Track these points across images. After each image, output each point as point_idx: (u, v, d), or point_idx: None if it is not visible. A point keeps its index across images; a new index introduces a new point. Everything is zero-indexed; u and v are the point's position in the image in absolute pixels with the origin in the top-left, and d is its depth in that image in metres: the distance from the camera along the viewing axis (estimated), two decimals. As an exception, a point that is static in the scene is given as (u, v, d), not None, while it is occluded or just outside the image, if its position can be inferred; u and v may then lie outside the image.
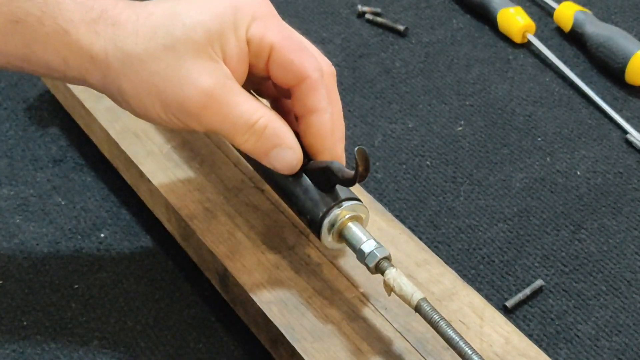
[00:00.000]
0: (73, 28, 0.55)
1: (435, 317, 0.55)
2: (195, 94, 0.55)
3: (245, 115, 0.56)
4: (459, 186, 0.77)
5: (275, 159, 0.58)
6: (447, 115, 0.84)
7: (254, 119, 0.56)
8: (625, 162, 0.79)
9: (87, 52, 0.56)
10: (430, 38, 0.93)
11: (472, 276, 0.70)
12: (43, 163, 0.80)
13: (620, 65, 0.85)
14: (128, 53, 0.55)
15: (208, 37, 0.55)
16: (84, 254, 0.72)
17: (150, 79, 0.55)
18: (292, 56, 0.57)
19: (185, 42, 0.55)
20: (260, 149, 0.57)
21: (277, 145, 0.57)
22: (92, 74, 0.57)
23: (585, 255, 0.71)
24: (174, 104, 0.56)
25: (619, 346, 0.65)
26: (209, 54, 0.55)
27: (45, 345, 0.65)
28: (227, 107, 0.56)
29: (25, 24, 0.55)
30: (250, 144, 0.57)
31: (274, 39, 0.57)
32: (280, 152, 0.57)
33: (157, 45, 0.55)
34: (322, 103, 0.58)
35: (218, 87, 0.55)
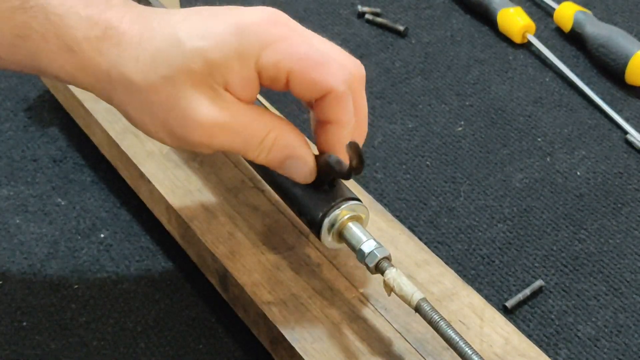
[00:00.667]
0: (77, 46, 0.53)
1: (435, 317, 0.55)
2: (198, 127, 0.53)
3: (255, 134, 0.54)
4: (459, 186, 0.77)
5: (290, 170, 0.57)
6: (447, 116, 0.84)
7: (263, 135, 0.55)
8: (625, 162, 0.79)
9: (92, 72, 0.54)
10: (430, 38, 0.93)
11: (472, 276, 0.70)
12: (43, 163, 0.80)
13: (620, 66, 0.85)
14: (130, 80, 0.53)
15: (208, 68, 0.52)
16: (83, 254, 0.72)
17: (152, 109, 0.54)
18: (314, 75, 0.54)
19: (184, 72, 0.52)
20: (273, 162, 0.56)
21: (289, 156, 0.56)
22: (99, 91, 0.56)
23: (585, 255, 0.71)
24: (179, 134, 0.54)
25: (619, 346, 0.65)
26: (209, 84, 0.53)
27: (45, 346, 0.65)
28: (234, 131, 0.54)
29: (30, 39, 0.53)
30: (262, 158, 0.56)
31: (290, 64, 0.53)
32: (292, 163, 0.56)
33: (157, 76, 0.53)
34: (346, 116, 0.56)
35: (222, 116, 0.53)
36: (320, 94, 0.54)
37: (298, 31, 0.56)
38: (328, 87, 0.54)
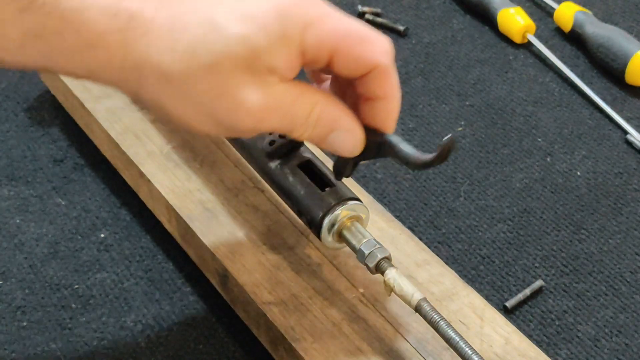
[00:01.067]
0: (100, 41, 0.49)
1: (436, 317, 0.55)
2: (248, 114, 0.51)
3: (301, 111, 0.53)
4: (459, 186, 0.77)
5: (334, 144, 0.54)
6: (448, 116, 0.84)
7: (309, 111, 0.53)
8: (625, 162, 0.79)
9: (117, 66, 0.50)
10: (431, 38, 0.93)
11: (472, 276, 0.70)
12: (43, 163, 0.80)
13: (620, 66, 0.85)
14: (166, 71, 0.50)
15: (252, 52, 0.50)
16: (84, 254, 0.72)
17: (196, 99, 0.51)
18: (359, 51, 0.53)
19: (228, 59, 0.50)
20: (318, 137, 0.54)
21: (335, 129, 0.54)
22: (124, 86, 0.52)
23: (585, 255, 0.71)
24: (227, 123, 0.52)
25: (619, 346, 0.65)
26: (255, 69, 0.51)
27: (45, 346, 0.65)
28: (282, 113, 0.52)
29: (43, 39, 0.50)
30: (307, 134, 0.54)
31: (333, 42, 0.52)
32: (338, 135, 0.54)
33: (199, 65, 0.50)
34: (393, 90, 0.55)
35: (270, 100, 0.51)
36: (366, 69, 0.53)
37: (332, 9, 0.55)
38: (375, 62, 0.53)
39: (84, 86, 0.77)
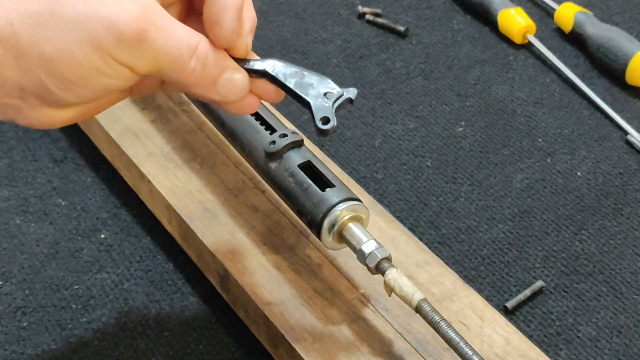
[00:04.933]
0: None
1: (436, 317, 0.55)
2: (128, 20, 0.49)
3: (186, 40, 0.51)
4: (460, 187, 0.77)
5: (224, 86, 0.53)
6: (448, 116, 0.84)
7: (195, 43, 0.51)
8: (625, 163, 0.79)
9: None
10: (431, 39, 0.93)
11: (472, 277, 0.70)
12: (43, 164, 0.80)
13: (620, 66, 0.85)
14: (36, 11, 0.49)
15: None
16: (84, 255, 0.72)
17: (74, 24, 0.49)
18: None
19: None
20: (208, 78, 0.52)
21: (224, 69, 0.53)
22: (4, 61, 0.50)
23: (585, 256, 0.71)
24: (108, 39, 0.49)
25: (620, 347, 0.65)
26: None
27: (45, 346, 0.65)
28: (165, 31, 0.51)
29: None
30: (198, 73, 0.52)
31: None
32: (228, 75, 0.53)
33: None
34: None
35: (149, 11, 0.50)
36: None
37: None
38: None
39: (84, 86, 0.77)
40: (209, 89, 0.53)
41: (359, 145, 0.81)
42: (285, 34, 0.93)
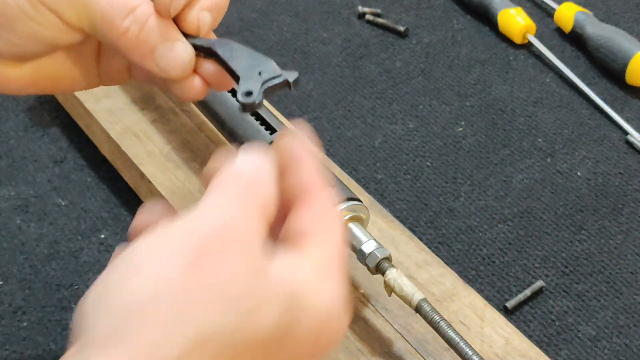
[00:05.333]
0: None
1: (436, 317, 0.55)
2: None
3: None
4: (460, 187, 0.77)
5: (164, 56, 0.49)
6: (448, 116, 0.84)
7: (134, 4, 0.49)
8: (625, 163, 0.79)
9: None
10: (431, 39, 0.93)
11: (472, 277, 0.70)
12: (43, 164, 0.80)
13: (620, 66, 0.85)
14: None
15: None
16: (84, 255, 0.72)
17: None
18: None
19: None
20: (146, 44, 0.49)
21: (165, 39, 0.49)
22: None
23: (585, 256, 0.71)
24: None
25: (620, 347, 0.65)
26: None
27: (45, 346, 0.65)
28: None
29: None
30: (132, 34, 0.49)
31: None
32: (169, 46, 0.49)
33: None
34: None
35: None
36: None
37: None
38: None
39: (84, 86, 0.77)
40: (145, 56, 0.50)
41: (359, 145, 0.81)
42: (285, 33, 0.93)
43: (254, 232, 0.40)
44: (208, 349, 0.37)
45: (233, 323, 0.38)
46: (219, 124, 0.68)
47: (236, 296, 0.38)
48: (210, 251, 0.38)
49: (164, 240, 0.39)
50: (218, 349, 0.37)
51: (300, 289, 0.40)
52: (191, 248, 0.38)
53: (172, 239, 0.39)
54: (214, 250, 0.38)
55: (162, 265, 0.38)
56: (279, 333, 0.39)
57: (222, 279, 0.38)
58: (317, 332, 0.41)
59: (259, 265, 0.39)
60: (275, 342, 0.39)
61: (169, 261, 0.38)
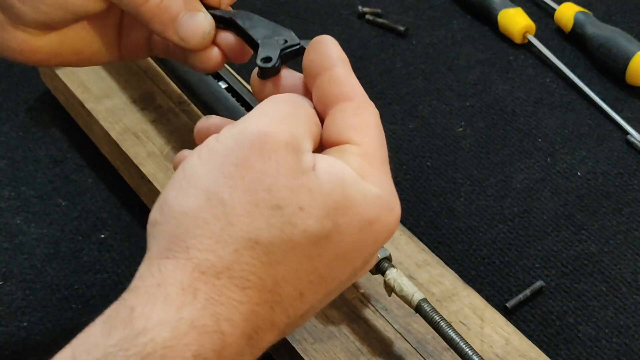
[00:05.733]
0: None
1: (436, 317, 0.55)
2: None
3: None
4: (460, 187, 0.77)
5: (184, 25, 0.50)
6: (448, 116, 0.84)
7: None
8: (625, 163, 0.79)
9: None
10: (431, 39, 0.93)
11: (472, 277, 0.70)
12: (44, 164, 0.80)
13: (620, 66, 0.85)
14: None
15: None
16: (84, 255, 0.72)
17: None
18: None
19: None
20: (168, 13, 0.50)
21: (187, 7, 0.50)
22: None
23: (585, 256, 0.71)
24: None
25: (620, 347, 0.65)
26: None
27: (46, 346, 0.65)
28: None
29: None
30: (154, 2, 0.49)
31: None
32: (190, 15, 0.50)
33: None
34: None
35: None
36: None
37: None
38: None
39: (84, 87, 0.77)
40: (167, 25, 0.50)
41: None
42: (286, 34, 0.93)
43: (298, 135, 0.42)
44: (257, 252, 0.40)
45: (279, 224, 0.40)
46: (219, 124, 0.68)
47: (281, 197, 0.41)
48: (255, 156, 0.41)
49: (211, 153, 0.42)
50: (266, 250, 0.40)
51: (346, 185, 0.42)
52: (236, 155, 0.41)
53: (219, 149, 0.42)
54: (259, 155, 0.41)
55: (209, 179, 0.41)
56: (326, 230, 0.41)
57: (267, 182, 0.41)
58: (366, 226, 0.42)
59: (305, 164, 0.41)
60: (323, 239, 0.41)
61: (214, 174, 0.41)
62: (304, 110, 0.44)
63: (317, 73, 0.46)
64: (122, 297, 0.41)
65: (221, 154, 0.41)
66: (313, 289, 0.43)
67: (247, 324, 0.40)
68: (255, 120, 0.42)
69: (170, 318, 0.39)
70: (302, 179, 0.41)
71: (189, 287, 0.40)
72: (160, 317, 0.39)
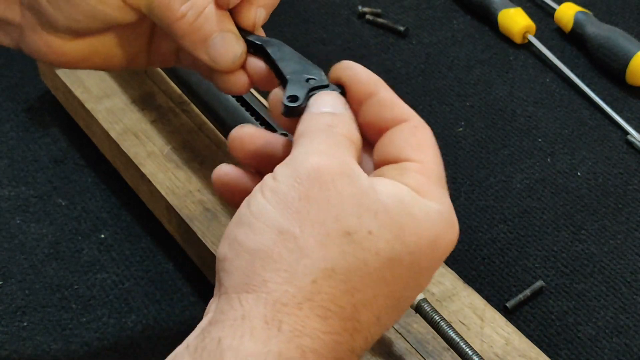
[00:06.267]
0: None
1: (436, 317, 0.55)
2: None
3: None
4: (460, 187, 0.77)
5: (216, 46, 0.50)
6: (448, 116, 0.84)
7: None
8: (625, 162, 0.79)
9: None
10: (431, 39, 0.93)
11: (472, 277, 0.69)
12: (44, 164, 0.80)
13: (620, 66, 0.85)
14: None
15: None
16: (84, 255, 0.72)
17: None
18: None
19: None
20: (200, 32, 0.49)
21: (220, 28, 0.50)
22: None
23: (585, 256, 0.71)
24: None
25: (620, 347, 0.65)
26: None
27: (46, 346, 0.65)
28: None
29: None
30: (188, 20, 0.49)
31: None
32: (224, 37, 0.50)
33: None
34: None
35: None
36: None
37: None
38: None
39: (85, 87, 0.77)
40: (198, 44, 0.50)
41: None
42: (286, 34, 0.93)
43: (348, 162, 0.43)
44: (335, 280, 0.41)
45: (352, 250, 0.41)
46: (219, 124, 0.68)
47: (349, 224, 0.41)
48: (315, 189, 0.41)
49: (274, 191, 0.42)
50: (344, 278, 0.41)
51: (407, 204, 0.42)
52: (298, 190, 0.42)
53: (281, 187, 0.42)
54: (319, 188, 0.41)
55: (277, 215, 0.41)
56: (397, 251, 0.42)
57: (333, 211, 0.41)
58: (432, 243, 0.43)
59: (364, 188, 0.42)
60: (396, 260, 0.42)
61: (282, 210, 0.41)
62: (343, 136, 0.44)
63: (359, 100, 0.46)
64: (204, 329, 0.42)
65: (283, 191, 0.42)
66: (389, 312, 0.43)
67: (330, 354, 0.41)
68: (304, 157, 0.43)
69: (259, 351, 0.39)
70: (365, 204, 0.41)
71: (273, 319, 0.40)
72: (248, 350, 0.40)
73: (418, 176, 0.44)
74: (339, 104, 0.46)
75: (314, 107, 0.46)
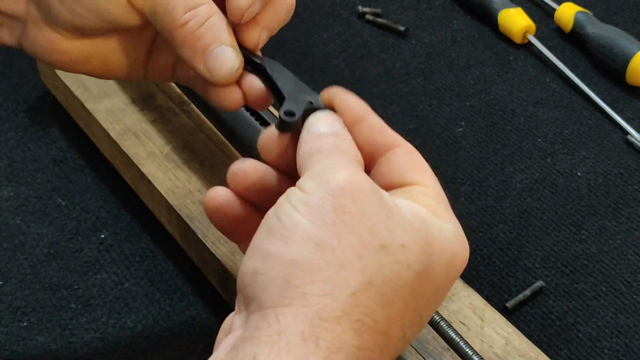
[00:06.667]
0: None
1: (436, 317, 0.55)
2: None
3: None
4: (460, 187, 0.77)
5: (214, 57, 0.50)
6: (448, 116, 0.84)
7: (199, 1, 0.49)
8: (625, 162, 0.79)
9: None
10: (431, 39, 0.93)
11: (472, 277, 0.69)
12: (43, 164, 0.80)
13: (620, 66, 0.85)
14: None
15: None
16: (84, 255, 0.72)
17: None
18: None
19: None
20: (201, 41, 0.49)
21: (222, 42, 0.50)
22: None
23: (585, 256, 0.71)
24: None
25: (620, 347, 0.65)
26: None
27: (46, 346, 0.65)
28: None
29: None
30: (190, 28, 0.49)
31: None
32: (224, 49, 0.50)
33: None
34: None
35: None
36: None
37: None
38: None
39: (84, 87, 0.77)
40: (197, 54, 0.50)
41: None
42: (286, 34, 0.93)
43: (364, 179, 0.43)
44: (372, 293, 0.41)
45: (388, 263, 0.41)
46: (219, 124, 0.68)
47: (383, 236, 0.41)
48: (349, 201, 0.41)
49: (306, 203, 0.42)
50: (380, 291, 0.41)
51: (427, 222, 0.43)
52: (331, 202, 0.41)
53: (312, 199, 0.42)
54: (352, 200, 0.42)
55: (313, 227, 0.41)
56: (424, 265, 0.42)
57: (367, 224, 0.41)
58: (451, 260, 0.44)
59: (391, 204, 0.42)
60: (423, 274, 0.42)
61: (317, 222, 0.41)
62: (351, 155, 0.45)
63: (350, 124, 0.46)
64: (236, 345, 0.40)
65: (316, 203, 0.42)
66: (412, 327, 0.43)
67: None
68: (333, 172, 0.43)
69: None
70: (394, 218, 0.42)
71: (310, 335, 0.40)
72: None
73: (427, 198, 0.45)
74: (338, 124, 0.46)
75: (314, 127, 0.46)
